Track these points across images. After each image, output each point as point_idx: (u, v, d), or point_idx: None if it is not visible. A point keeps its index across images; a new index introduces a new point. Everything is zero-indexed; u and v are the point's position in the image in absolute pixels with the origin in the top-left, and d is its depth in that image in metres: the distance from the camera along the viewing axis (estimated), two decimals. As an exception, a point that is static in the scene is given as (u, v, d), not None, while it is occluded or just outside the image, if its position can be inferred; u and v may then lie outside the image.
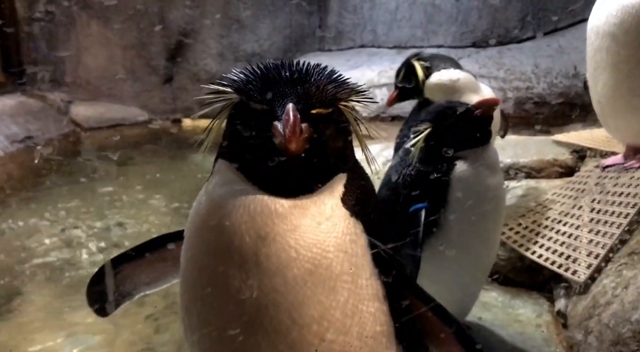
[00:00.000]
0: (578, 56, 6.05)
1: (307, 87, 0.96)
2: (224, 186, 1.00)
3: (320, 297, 0.93)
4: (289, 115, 0.89)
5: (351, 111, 1.03)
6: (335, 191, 1.01)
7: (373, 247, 1.01)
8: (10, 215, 4.11)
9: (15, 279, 3.05)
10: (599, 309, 1.98)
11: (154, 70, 8.54)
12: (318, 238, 0.95)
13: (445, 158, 1.85)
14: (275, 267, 0.92)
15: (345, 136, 1.04)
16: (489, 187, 1.86)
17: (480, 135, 1.87)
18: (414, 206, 1.77)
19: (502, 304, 2.47)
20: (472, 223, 1.80)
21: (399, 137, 2.98)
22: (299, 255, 0.93)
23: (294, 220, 0.95)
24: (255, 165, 0.98)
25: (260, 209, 0.94)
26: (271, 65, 1.01)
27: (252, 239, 0.93)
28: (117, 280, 1.29)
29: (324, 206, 0.98)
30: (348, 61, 7.38)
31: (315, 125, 0.94)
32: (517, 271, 2.63)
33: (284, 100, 0.94)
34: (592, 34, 2.53)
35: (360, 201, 1.04)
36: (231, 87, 1.01)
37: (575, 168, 3.18)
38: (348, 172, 1.05)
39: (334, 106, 0.98)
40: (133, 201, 4.42)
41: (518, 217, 2.80)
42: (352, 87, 1.04)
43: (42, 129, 6.90)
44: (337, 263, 0.95)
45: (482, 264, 1.98)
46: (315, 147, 0.95)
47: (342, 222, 0.98)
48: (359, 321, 0.97)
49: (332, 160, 1.02)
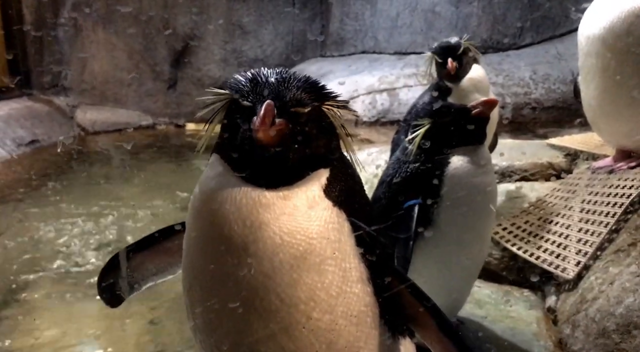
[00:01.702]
0: (576, 63, 6.11)
1: (287, 88, 1.08)
2: (214, 178, 1.10)
3: (306, 280, 1.03)
4: (262, 109, 1.00)
5: (333, 113, 1.13)
6: (318, 183, 1.10)
7: (357, 232, 1.11)
8: (17, 214, 4.22)
9: (20, 277, 3.14)
10: (586, 305, 2.06)
11: (158, 75, 8.66)
12: (302, 226, 1.04)
13: (440, 155, 1.93)
14: (262, 253, 1.02)
15: (327, 135, 1.14)
16: (482, 184, 1.93)
17: (475, 134, 1.95)
18: (407, 202, 1.85)
19: (495, 301, 2.54)
20: (465, 219, 1.87)
21: (396, 134, 3.07)
22: (283, 241, 1.02)
23: (277, 209, 1.04)
24: (240, 157, 1.09)
25: (245, 200, 1.04)
26: (264, 70, 1.14)
27: (240, 227, 1.03)
28: (126, 270, 1.39)
29: (306, 196, 1.07)
30: (349, 67, 7.49)
31: (294, 122, 1.05)
32: (510, 269, 2.70)
33: (265, 98, 1.05)
34: (582, 40, 2.61)
35: (344, 192, 1.13)
36: (227, 87, 1.13)
37: (568, 170, 3.26)
38: (331, 167, 1.14)
39: (312, 106, 1.08)
40: (137, 202, 4.49)
41: (511, 217, 2.88)
42: (329, 93, 1.15)
43: (48, 132, 7.02)
44: (320, 248, 1.04)
45: (474, 259, 2.05)
46: (294, 142, 1.06)
47: (324, 212, 1.07)
48: (344, 301, 1.06)
49: (312, 154, 1.10)
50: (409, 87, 6.53)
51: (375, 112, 6.44)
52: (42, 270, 3.22)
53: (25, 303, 2.84)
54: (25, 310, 2.75)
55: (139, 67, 8.56)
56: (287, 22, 8.83)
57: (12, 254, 3.47)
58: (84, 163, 6.15)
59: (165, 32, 8.45)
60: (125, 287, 1.39)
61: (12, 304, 2.82)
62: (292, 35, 8.85)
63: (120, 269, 1.36)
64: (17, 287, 3.00)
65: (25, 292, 2.95)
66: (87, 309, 2.72)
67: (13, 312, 2.72)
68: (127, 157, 6.26)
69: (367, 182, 3.89)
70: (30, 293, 2.94)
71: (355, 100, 6.52)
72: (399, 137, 2.97)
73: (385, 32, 7.83)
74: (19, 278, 3.10)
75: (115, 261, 1.36)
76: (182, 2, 8.36)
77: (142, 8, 8.31)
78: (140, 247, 1.38)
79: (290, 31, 8.84)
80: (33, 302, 2.85)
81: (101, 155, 6.74)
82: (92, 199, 4.54)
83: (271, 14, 8.79)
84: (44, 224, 3.95)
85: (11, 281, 3.08)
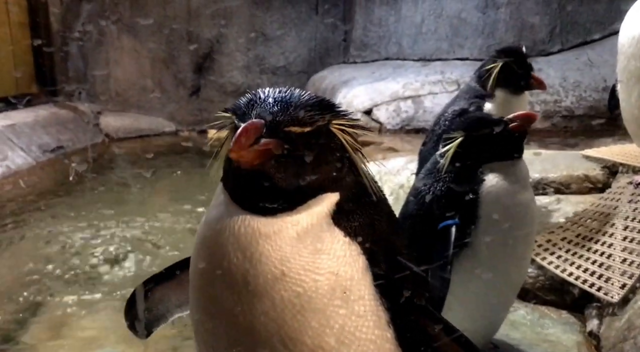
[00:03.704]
0: (608, 70, 5.95)
1: (283, 107, 0.96)
2: (216, 207, 1.02)
3: (312, 323, 0.90)
4: (241, 127, 0.90)
5: (343, 134, 1.00)
6: (325, 209, 0.97)
7: (374, 269, 0.97)
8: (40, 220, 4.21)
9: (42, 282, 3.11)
10: (635, 331, 1.92)
11: (181, 82, 8.70)
12: (306, 259, 0.92)
13: (475, 170, 1.83)
14: (262, 289, 0.91)
15: (334, 156, 1.00)
16: (521, 202, 1.82)
17: (513, 148, 1.84)
18: (443, 223, 1.74)
19: (531, 323, 2.41)
20: (503, 240, 1.76)
21: (423, 144, 2.96)
22: (285, 276, 0.91)
23: (279, 239, 0.93)
24: (233, 183, 1.00)
25: (243, 230, 0.93)
26: (267, 90, 1.03)
27: (240, 259, 0.93)
28: (150, 303, 1.30)
29: (310, 224, 0.95)
30: (373, 73, 7.39)
31: (290, 142, 0.94)
32: (546, 288, 2.57)
33: (252, 118, 0.94)
34: (625, 41, 2.45)
35: (359, 220, 1.00)
36: (228, 110, 1.04)
37: (606, 184, 3.11)
38: (342, 191, 1.00)
39: (313, 126, 0.96)
40: (161, 209, 4.48)
41: (547, 233, 2.74)
42: (336, 111, 1.02)
43: (73, 139, 7.07)
44: (327, 286, 0.91)
45: (512, 282, 1.94)
46: (288, 163, 0.94)
47: (333, 243, 0.95)
48: (358, 349, 0.93)
49: (317, 177, 0.98)
50: (434, 95, 6.40)
51: (399, 120, 6.32)
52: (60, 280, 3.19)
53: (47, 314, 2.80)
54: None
55: (162, 74, 8.62)
56: (309, 28, 8.79)
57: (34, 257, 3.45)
58: (108, 170, 6.17)
59: (188, 39, 8.49)
60: (150, 320, 1.31)
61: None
62: (314, 41, 8.80)
63: (143, 302, 1.28)
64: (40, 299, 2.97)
65: (45, 306, 2.91)
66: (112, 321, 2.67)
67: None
68: (150, 164, 6.29)
69: (392, 193, 3.84)
70: (55, 304, 2.91)
71: (379, 107, 6.42)
72: (427, 148, 2.86)
73: (410, 38, 7.72)
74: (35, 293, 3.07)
75: (138, 294, 1.29)
76: (205, 10, 8.39)
77: (166, 16, 8.36)
78: (161, 279, 1.30)
79: (313, 38, 8.79)
80: (55, 315, 2.82)
81: (124, 162, 6.76)
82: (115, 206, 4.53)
83: (294, 21, 8.75)
84: (71, 231, 3.94)
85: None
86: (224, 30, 8.63)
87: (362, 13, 8.21)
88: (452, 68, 6.82)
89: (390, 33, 7.93)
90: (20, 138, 6.33)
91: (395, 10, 7.83)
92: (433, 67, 7.07)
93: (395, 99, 6.48)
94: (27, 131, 6.51)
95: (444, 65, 7.08)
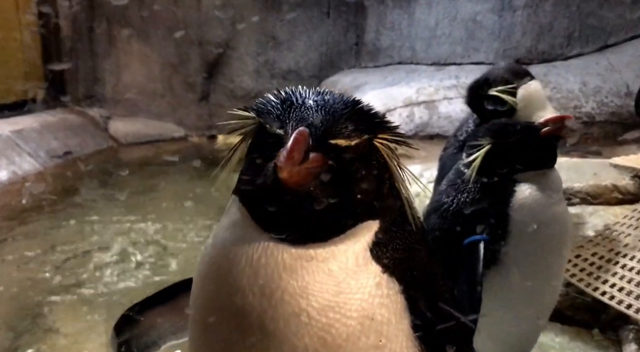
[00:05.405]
0: (631, 74, 5.76)
1: (329, 113, 0.81)
2: (229, 228, 0.85)
3: None
4: (291, 139, 0.74)
5: (388, 150, 0.86)
6: (363, 240, 0.83)
7: (414, 311, 0.82)
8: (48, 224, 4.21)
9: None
10: (680, 359, 1.74)
11: (190, 87, 8.62)
12: (336, 300, 0.78)
13: (504, 181, 1.68)
14: (282, 335, 0.77)
15: (378, 176, 0.86)
16: (555, 216, 1.67)
17: (545, 156, 1.69)
18: (470, 238, 1.59)
19: (560, 346, 2.25)
20: (536, 258, 1.60)
21: (444, 150, 2.79)
22: (311, 320, 0.76)
23: (306, 275, 0.78)
24: (260, 202, 0.82)
25: (264, 260, 0.78)
26: (300, 89, 0.88)
27: (257, 297, 0.78)
28: (141, 329, 1.15)
29: (345, 258, 0.80)
30: (385, 78, 7.25)
31: (334, 158, 0.79)
32: (577, 308, 2.40)
33: (298, 124, 0.79)
34: None
35: (399, 254, 0.85)
36: (252, 109, 0.88)
37: (637, 195, 2.92)
38: (382, 219, 0.86)
39: (359, 139, 0.82)
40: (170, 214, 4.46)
41: (575, 247, 2.56)
42: (383, 122, 0.87)
43: (81, 144, 7.01)
44: (360, 333, 0.77)
45: (545, 304, 1.78)
46: (333, 184, 0.79)
47: (369, 280, 0.80)
48: None
49: (357, 202, 0.83)
50: (449, 100, 6.24)
51: (412, 126, 6.16)
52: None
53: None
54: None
55: (171, 78, 8.54)
56: (321, 32, 8.67)
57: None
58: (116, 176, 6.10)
59: (198, 44, 8.41)
60: (140, 347, 1.15)
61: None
62: (326, 46, 8.67)
63: (133, 326, 1.13)
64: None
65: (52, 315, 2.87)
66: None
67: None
68: (159, 169, 6.23)
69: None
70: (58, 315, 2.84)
71: (392, 113, 6.27)
72: (448, 155, 2.70)
73: (423, 42, 7.56)
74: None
75: (128, 317, 1.13)
76: (215, 14, 8.30)
77: (176, 20, 8.29)
78: (154, 302, 1.14)
79: (324, 42, 8.67)
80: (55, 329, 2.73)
81: (133, 167, 6.68)
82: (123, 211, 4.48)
83: (305, 25, 8.64)
84: (72, 232, 3.92)
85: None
86: (234, 34, 8.55)
87: (374, 16, 8.07)
88: (467, 72, 6.65)
89: (403, 37, 7.79)
90: (28, 143, 6.28)
91: (409, 13, 7.68)
92: (447, 72, 6.91)
93: (408, 105, 6.33)
94: (34, 136, 6.46)
95: (459, 69, 6.92)
